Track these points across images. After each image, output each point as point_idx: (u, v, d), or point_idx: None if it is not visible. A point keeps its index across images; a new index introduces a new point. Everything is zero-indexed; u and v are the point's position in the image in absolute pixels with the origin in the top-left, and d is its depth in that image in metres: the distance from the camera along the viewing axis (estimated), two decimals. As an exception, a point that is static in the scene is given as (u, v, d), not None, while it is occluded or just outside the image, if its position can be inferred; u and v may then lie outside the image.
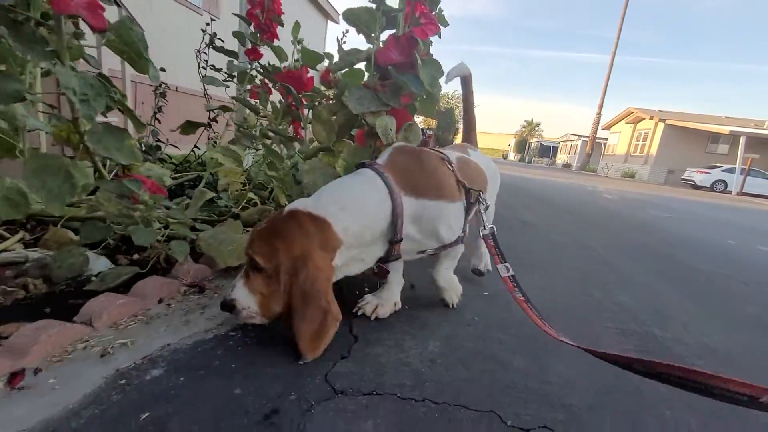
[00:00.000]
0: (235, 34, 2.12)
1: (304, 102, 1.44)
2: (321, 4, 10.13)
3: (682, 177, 19.16)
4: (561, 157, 35.65)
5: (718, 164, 18.56)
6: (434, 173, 0.99)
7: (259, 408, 0.69)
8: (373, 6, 1.03)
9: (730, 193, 16.91)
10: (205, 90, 2.34)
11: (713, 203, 8.77)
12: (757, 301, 1.69)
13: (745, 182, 17.06)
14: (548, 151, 38.87)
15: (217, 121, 2.35)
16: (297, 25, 1.49)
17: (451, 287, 1.18)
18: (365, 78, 1.17)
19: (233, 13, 2.12)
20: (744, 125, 20.55)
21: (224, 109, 2.10)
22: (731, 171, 17.54)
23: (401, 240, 0.95)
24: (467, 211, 1.05)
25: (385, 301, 1.07)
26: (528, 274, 1.65)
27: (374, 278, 1.18)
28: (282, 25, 2.08)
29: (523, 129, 45.96)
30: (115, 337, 0.85)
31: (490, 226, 1.04)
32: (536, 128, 44.98)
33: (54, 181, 0.97)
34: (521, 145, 45.41)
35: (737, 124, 21.03)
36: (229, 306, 0.84)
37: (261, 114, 2.03)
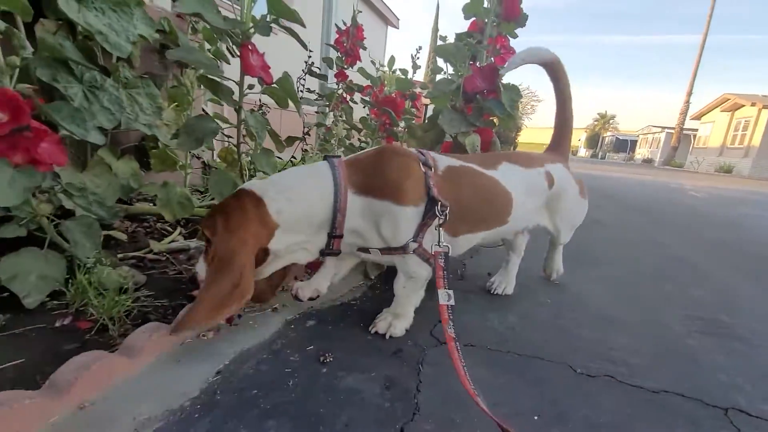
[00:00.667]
0: (325, 60, 2.51)
1: (398, 120, 1.73)
2: (381, 11, 10.55)
3: (794, 171, 16.60)
4: (641, 152, 32.56)
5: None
6: (392, 174, 0.94)
7: (388, 348, 0.98)
8: (461, 43, 1.28)
9: None
10: (298, 108, 2.76)
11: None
12: None
13: None
14: (625, 145, 35.69)
15: (310, 135, 2.76)
16: (393, 59, 1.79)
17: (397, 312, 1.06)
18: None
19: (326, 43, 2.50)
20: None
21: (318, 125, 2.49)
22: None
23: (341, 236, 0.94)
24: (424, 218, 0.94)
25: (307, 285, 1.13)
26: (597, 268, 1.78)
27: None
28: (365, 48, 2.42)
29: (596, 122, 42.70)
30: (277, 300, 1.20)
31: (444, 244, 0.92)
32: (611, 121, 41.50)
33: (227, 189, 1.37)
34: (593, 140, 42.19)
35: None
36: (193, 278, 0.92)
37: (348, 127, 2.38)
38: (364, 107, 2.89)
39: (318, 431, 0.68)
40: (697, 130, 25.04)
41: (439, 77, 1.46)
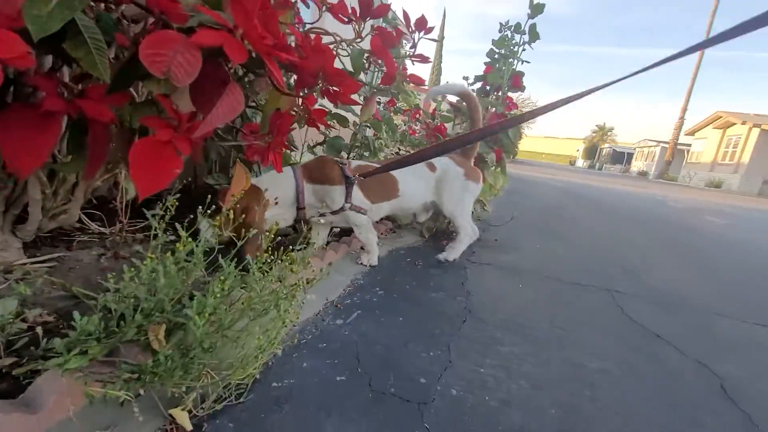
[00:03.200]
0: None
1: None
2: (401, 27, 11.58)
3: (780, 188, 17.56)
4: (636, 165, 33.59)
5: (825, 174, 16.74)
6: (323, 169, 1.54)
7: (432, 263, 1.88)
8: (483, 97, 2.21)
9: (839, 206, 15.23)
10: (394, 133, 3.72)
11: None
12: (710, 264, 2.57)
13: None
14: (622, 157, 36.77)
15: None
16: (440, 102, 2.71)
17: (366, 249, 1.71)
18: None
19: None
20: None
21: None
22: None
23: (304, 207, 1.50)
24: (347, 190, 1.54)
25: (372, 255, 1.72)
26: (560, 245, 2.69)
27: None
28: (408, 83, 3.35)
29: (594, 134, 43.89)
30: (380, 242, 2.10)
31: (367, 204, 1.63)
32: (609, 133, 42.71)
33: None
34: (591, 151, 43.39)
35: None
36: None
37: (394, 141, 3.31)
38: (405, 125, 3.83)
39: (423, 283, 1.60)
40: (690, 145, 26.04)
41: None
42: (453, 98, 2.75)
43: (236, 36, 0.55)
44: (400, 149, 3.85)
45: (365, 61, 1.16)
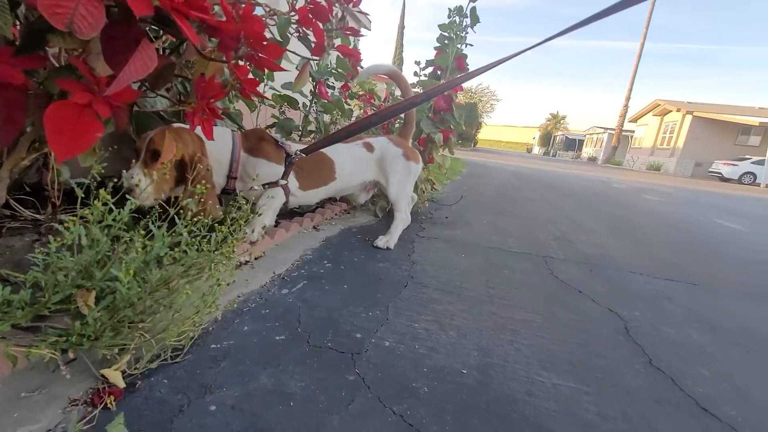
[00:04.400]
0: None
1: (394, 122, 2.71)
2: (359, 17, 11.44)
3: (710, 169, 19.26)
4: (587, 151, 35.59)
5: (747, 156, 18.54)
6: (263, 144, 1.47)
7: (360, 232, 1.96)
8: (434, 80, 2.28)
9: (758, 185, 16.96)
10: (347, 116, 3.69)
11: (719, 192, 9.48)
12: (615, 222, 2.84)
13: (775, 174, 17.06)
14: (574, 144, 38.82)
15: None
16: (390, 85, 2.74)
17: (258, 220, 1.44)
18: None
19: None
20: (777, 116, 20.25)
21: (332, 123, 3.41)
22: (761, 163, 17.48)
23: (236, 178, 1.42)
24: (286, 168, 1.49)
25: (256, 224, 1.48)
26: (506, 220, 2.86)
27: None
28: (362, 67, 3.37)
29: (548, 122, 45.91)
30: (339, 220, 2.14)
31: (295, 190, 1.58)
32: (562, 121, 44.85)
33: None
34: (546, 139, 45.44)
35: (769, 115, 20.70)
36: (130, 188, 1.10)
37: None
38: (360, 109, 3.84)
39: (371, 256, 1.66)
40: (633, 131, 27.94)
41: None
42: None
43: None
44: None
45: (295, 31, 1.17)
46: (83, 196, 0.77)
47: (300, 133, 2.39)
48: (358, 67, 2.12)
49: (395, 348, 0.95)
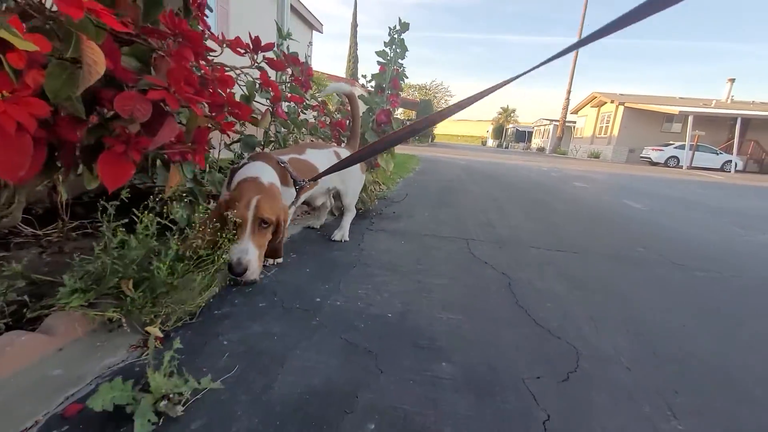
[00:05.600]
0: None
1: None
2: (306, 17, 11.63)
3: (641, 155, 21.29)
4: (536, 142, 37.81)
5: (671, 142, 20.70)
6: (282, 171, 1.58)
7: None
8: (376, 96, 2.72)
9: (681, 167, 19.00)
10: (299, 129, 4.01)
11: (641, 176, 10.74)
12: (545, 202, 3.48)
13: (694, 157, 19.19)
14: (524, 136, 41.12)
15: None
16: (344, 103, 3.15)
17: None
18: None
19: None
20: (694, 105, 22.69)
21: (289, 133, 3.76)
22: (682, 148, 19.53)
23: None
24: (297, 192, 1.63)
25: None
26: (444, 212, 3.38)
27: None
28: (313, 81, 3.74)
29: (500, 116, 48.21)
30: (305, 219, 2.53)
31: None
32: (512, 114, 47.32)
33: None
34: (499, 132, 47.77)
35: (689, 104, 23.10)
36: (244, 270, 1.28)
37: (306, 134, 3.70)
38: (314, 119, 4.21)
39: (328, 247, 2.08)
40: (575, 122, 30.09)
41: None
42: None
43: (171, 92, 0.94)
44: (312, 141, 4.24)
45: (257, 88, 1.57)
46: (106, 219, 1.14)
47: (262, 146, 2.75)
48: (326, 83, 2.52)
49: (344, 305, 1.39)
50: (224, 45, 1.45)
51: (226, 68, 1.38)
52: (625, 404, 0.98)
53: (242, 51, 1.49)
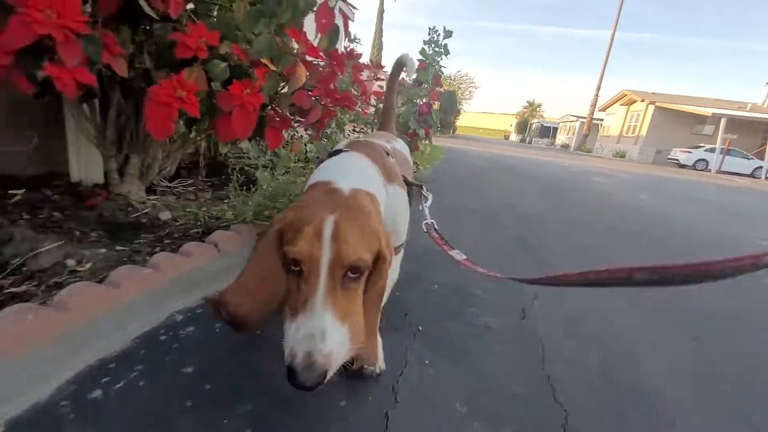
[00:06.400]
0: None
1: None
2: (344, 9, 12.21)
3: (668, 157, 20.96)
4: (560, 138, 37.37)
5: (701, 144, 20.30)
6: (386, 161, 1.00)
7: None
8: (418, 89, 3.28)
9: (709, 171, 18.67)
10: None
11: (664, 176, 10.93)
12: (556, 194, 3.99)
13: (724, 161, 18.79)
14: (548, 131, 40.63)
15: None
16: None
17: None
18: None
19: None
20: (728, 107, 22.05)
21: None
22: (712, 151, 19.12)
23: None
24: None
25: None
26: (467, 194, 3.93)
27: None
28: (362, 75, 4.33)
29: (525, 109, 47.59)
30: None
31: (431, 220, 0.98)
32: (537, 109, 46.62)
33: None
34: (522, 126, 47.22)
35: (723, 106, 22.44)
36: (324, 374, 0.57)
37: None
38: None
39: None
40: (603, 120, 29.65)
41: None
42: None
43: (322, 91, 1.55)
44: (354, 128, 4.84)
45: (352, 85, 2.17)
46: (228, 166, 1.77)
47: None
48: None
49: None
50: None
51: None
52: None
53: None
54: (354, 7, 1.80)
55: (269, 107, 1.63)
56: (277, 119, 1.65)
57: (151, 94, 1.11)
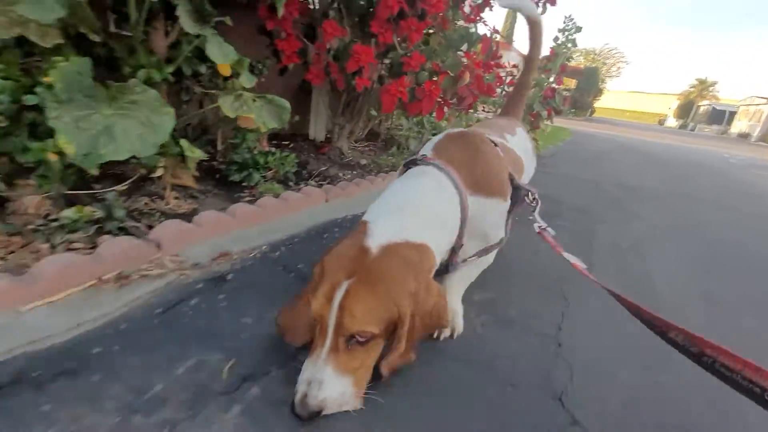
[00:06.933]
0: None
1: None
2: None
3: None
4: (738, 125, 30.27)
5: None
6: (490, 166, 0.91)
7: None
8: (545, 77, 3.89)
9: None
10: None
11: None
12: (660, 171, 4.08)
13: None
14: (722, 116, 33.09)
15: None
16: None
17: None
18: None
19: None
20: None
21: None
22: None
23: (462, 245, 0.88)
24: (510, 209, 0.95)
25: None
26: (591, 170, 4.34)
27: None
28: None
29: (692, 89, 39.23)
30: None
31: (544, 224, 0.91)
32: (711, 88, 37.93)
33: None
34: (686, 109, 39.14)
35: None
36: (315, 413, 0.67)
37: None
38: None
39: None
40: (807, 103, 23.05)
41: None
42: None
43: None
44: (484, 108, 5.56)
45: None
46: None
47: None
48: None
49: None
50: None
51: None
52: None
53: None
54: (498, 32, 2.64)
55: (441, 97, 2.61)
56: (443, 103, 2.63)
57: (387, 88, 2.18)
